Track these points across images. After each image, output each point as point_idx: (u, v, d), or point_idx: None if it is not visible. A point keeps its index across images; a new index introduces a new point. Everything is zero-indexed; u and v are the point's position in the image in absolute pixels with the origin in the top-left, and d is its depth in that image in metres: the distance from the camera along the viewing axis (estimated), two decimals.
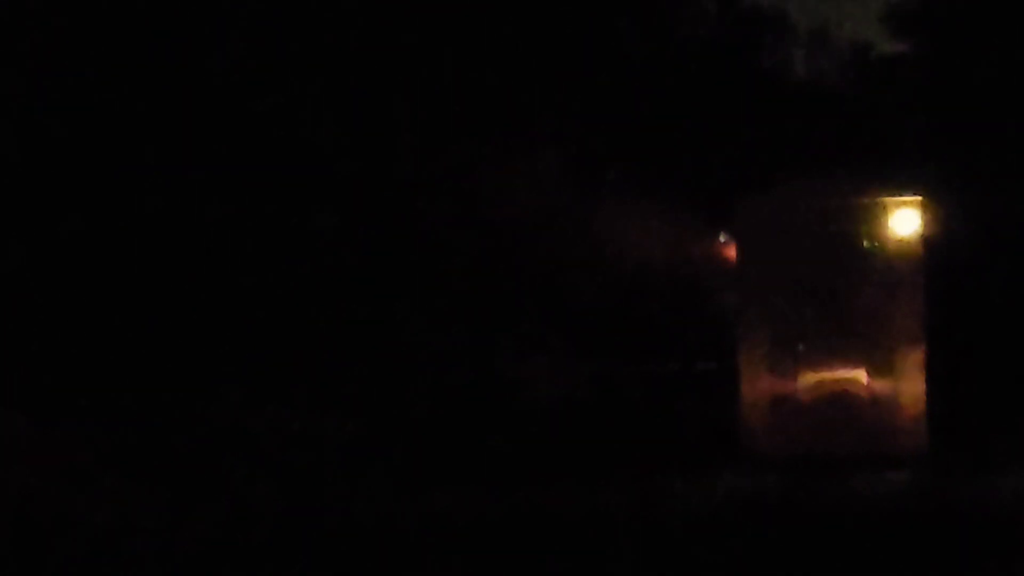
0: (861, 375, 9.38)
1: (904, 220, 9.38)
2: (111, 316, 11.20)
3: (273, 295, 11.59)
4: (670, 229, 12.03)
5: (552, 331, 12.36)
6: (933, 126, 13.00)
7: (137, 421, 9.88)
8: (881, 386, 9.30)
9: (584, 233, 12.25)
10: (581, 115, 12.89)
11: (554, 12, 13.36)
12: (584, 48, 13.30)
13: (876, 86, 16.51)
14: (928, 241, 9.57)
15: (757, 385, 9.52)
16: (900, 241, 9.43)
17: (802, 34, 19.51)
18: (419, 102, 12.11)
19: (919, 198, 9.47)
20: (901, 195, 9.47)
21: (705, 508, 7.62)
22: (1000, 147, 12.06)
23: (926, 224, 9.53)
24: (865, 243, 9.60)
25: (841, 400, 9.33)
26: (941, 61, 13.72)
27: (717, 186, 12.89)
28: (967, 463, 8.77)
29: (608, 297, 12.57)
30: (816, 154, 13.86)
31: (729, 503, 7.76)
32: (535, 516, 7.38)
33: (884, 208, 9.41)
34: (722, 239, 11.53)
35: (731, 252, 10.69)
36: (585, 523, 7.13)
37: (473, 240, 11.99)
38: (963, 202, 10.69)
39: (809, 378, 9.43)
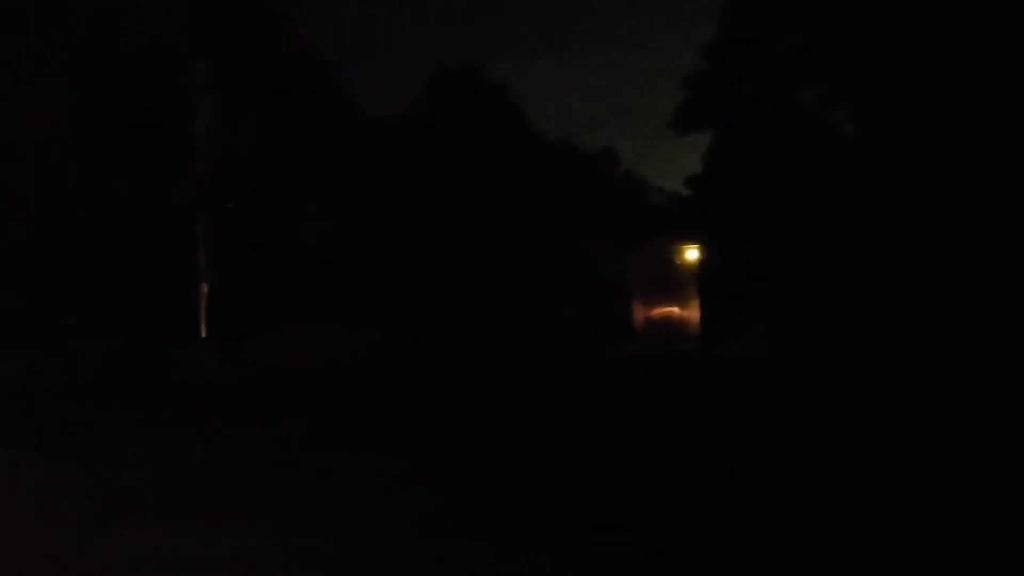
0: (676, 309, 25.38)
1: (692, 254, 25.47)
2: None
3: None
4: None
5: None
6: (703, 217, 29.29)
7: None
8: (683, 312, 25.28)
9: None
10: None
11: None
12: None
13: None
14: (701, 262, 25.69)
15: (640, 313, 25.31)
16: (691, 262, 25.51)
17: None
18: None
19: (697, 245, 25.59)
20: (691, 244, 25.59)
21: (615, 357, 22.40)
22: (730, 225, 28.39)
23: (700, 256, 25.67)
24: (679, 263, 25.63)
25: (669, 317, 25.26)
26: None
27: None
28: (714, 341, 24.51)
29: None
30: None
31: (623, 355, 22.89)
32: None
33: (684, 249, 25.41)
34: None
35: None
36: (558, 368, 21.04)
37: None
38: (712, 247, 26.68)
39: (658, 310, 25.30)
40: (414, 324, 26.51)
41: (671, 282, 25.08)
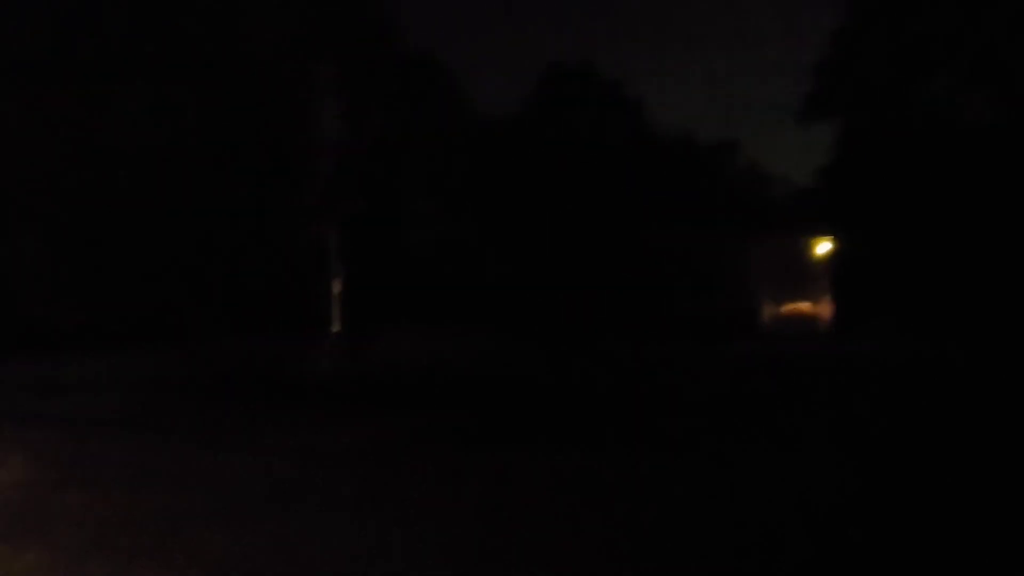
0: (807, 304, 24.20)
1: (823, 247, 24.29)
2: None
3: None
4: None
5: None
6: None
7: None
8: (814, 309, 24.09)
9: None
10: None
11: None
12: None
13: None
14: (833, 256, 24.49)
15: (767, 309, 24.33)
16: (822, 256, 24.33)
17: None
18: None
19: (829, 238, 24.39)
20: (822, 237, 24.40)
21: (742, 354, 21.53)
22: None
23: (833, 249, 24.46)
24: (809, 257, 24.51)
25: (799, 314, 24.11)
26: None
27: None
28: (848, 339, 23.04)
29: None
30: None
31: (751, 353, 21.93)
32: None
33: (815, 243, 24.26)
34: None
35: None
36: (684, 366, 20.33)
37: None
38: (845, 240, 25.44)
39: (787, 306, 24.21)
40: (532, 322, 26.44)
41: (801, 277, 24.01)
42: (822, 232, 24.63)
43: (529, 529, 6.07)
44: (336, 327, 17.73)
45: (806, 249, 24.62)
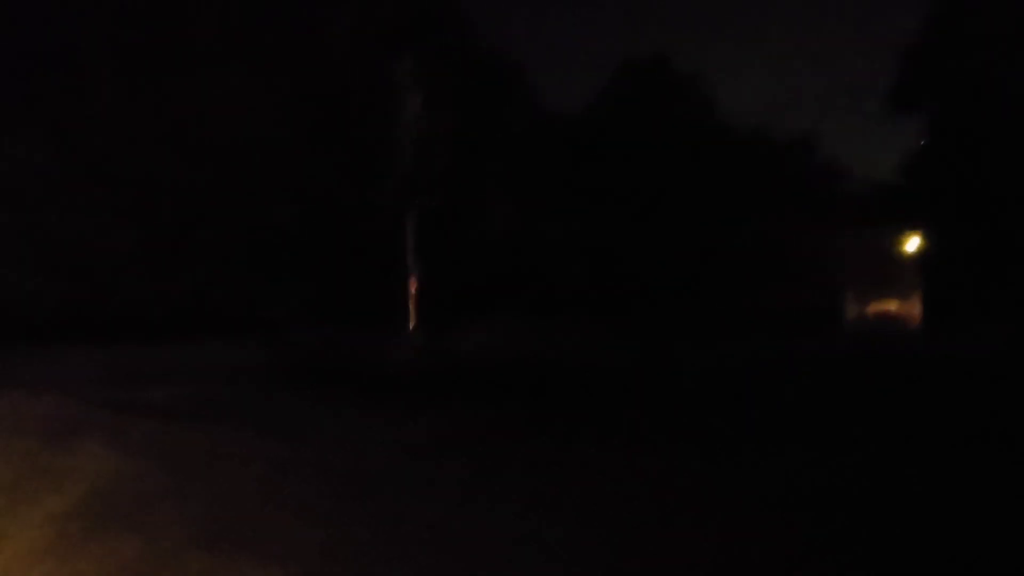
0: (895, 302, 23.29)
1: (913, 243, 23.35)
2: None
3: None
4: None
5: None
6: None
7: None
8: (903, 306, 23.18)
9: None
10: None
11: None
12: None
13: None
14: (924, 252, 23.52)
15: (853, 306, 23.50)
16: (912, 253, 23.39)
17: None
18: None
19: (920, 233, 23.43)
20: (912, 232, 23.47)
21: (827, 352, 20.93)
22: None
23: (923, 245, 23.50)
24: (898, 253, 23.59)
25: (887, 312, 23.23)
26: None
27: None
28: (940, 338, 22.15)
29: None
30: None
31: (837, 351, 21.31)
32: None
33: (904, 239, 23.33)
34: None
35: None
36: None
37: None
38: (936, 235, 24.39)
39: (874, 304, 23.31)
40: (608, 317, 26.14)
41: (889, 274, 23.10)
42: (910, 227, 23.59)
43: (615, 525, 5.91)
44: (413, 321, 17.72)
45: (894, 245, 23.66)
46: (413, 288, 18.05)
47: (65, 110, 21.33)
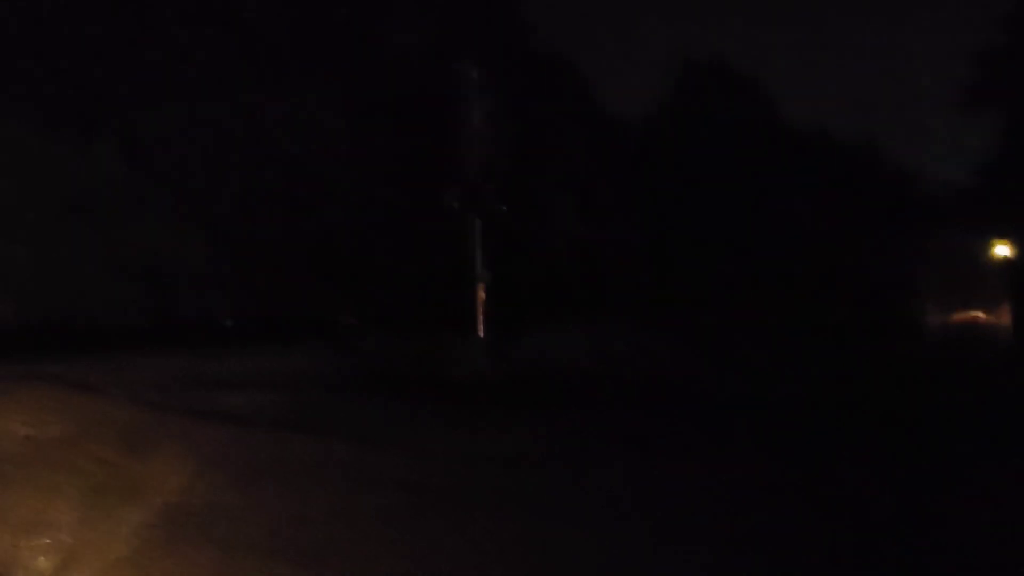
0: (982, 312, 22.22)
1: (1001, 250, 22.25)
2: None
3: None
4: None
5: None
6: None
7: None
8: (991, 317, 22.10)
9: None
10: None
11: None
12: None
13: None
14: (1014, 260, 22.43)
15: (935, 317, 22.47)
16: (999, 260, 22.29)
17: None
18: None
19: (1008, 240, 22.33)
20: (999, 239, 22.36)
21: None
22: None
23: (1013, 253, 22.39)
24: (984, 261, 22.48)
25: (974, 322, 22.16)
26: None
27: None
28: None
29: None
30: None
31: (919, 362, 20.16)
32: None
33: (991, 246, 22.24)
34: None
35: None
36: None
37: None
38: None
39: (959, 314, 22.27)
40: (674, 326, 25.64)
41: (975, 282, 22.03)
42: (997, 234, 22.46)
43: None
44: (481, 328, 17.49)
45: (980, 252, 22.55)
46: (482, 294, 17.81)
47: (138, 120, 21.68)
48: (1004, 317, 21.75)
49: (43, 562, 5.39)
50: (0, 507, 6.46)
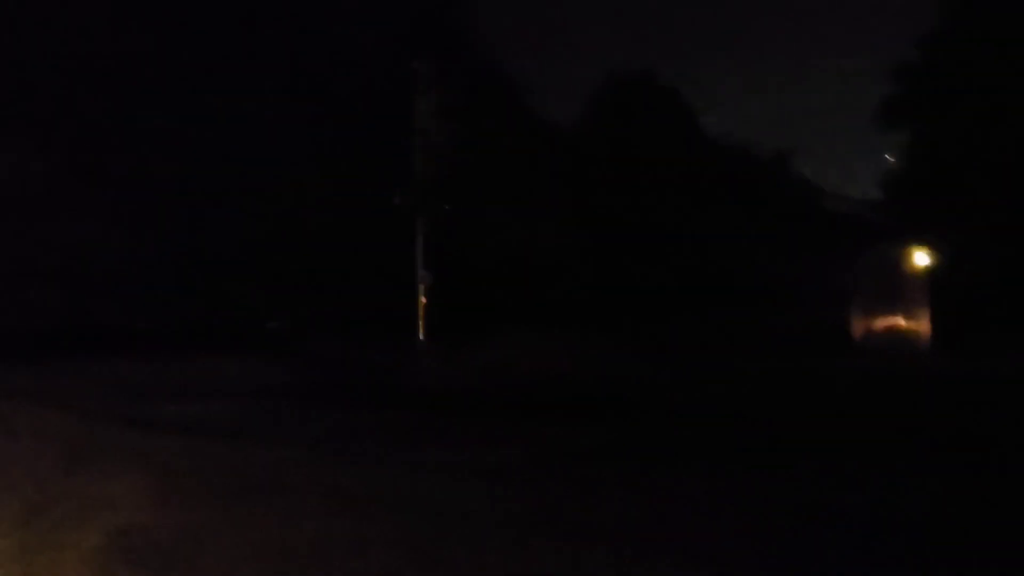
0: (903, 319, 23.06)
1: (921, 258, 23.16)
2: None
3: None
4: None
5: None
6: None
7: None
8: (911, 323, 22.89)
9: None
10: None
11: None
12: None
13: None
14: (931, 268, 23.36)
15: (860, 323, 23.19)
16: (920, 268, 23.24)
17: None
18: None
19: (926, 248, 23.22)
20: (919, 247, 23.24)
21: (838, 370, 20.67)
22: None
23: (931, 261, 23.29)
24: (905, 269, 23.38)
25: (895, 328, 22.92)
26: None
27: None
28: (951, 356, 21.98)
29: None
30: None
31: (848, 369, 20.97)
32: None
33: (911, 254, 23.16)
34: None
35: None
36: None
37: None
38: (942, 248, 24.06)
39: (882, 320, 23.04)
40: (612, 330, 25.82)
41: (897, 290, 22.87)
42: (917, 242, 23.36)
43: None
44: (422, 334, 17.15)
45: (902, 260, 23.44)
46: (423, 297, 17.46)
47: (59, 114, 20.52)
48: (924, 324, 22.56)
49: None
50: None
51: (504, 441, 9.59)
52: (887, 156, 36.41)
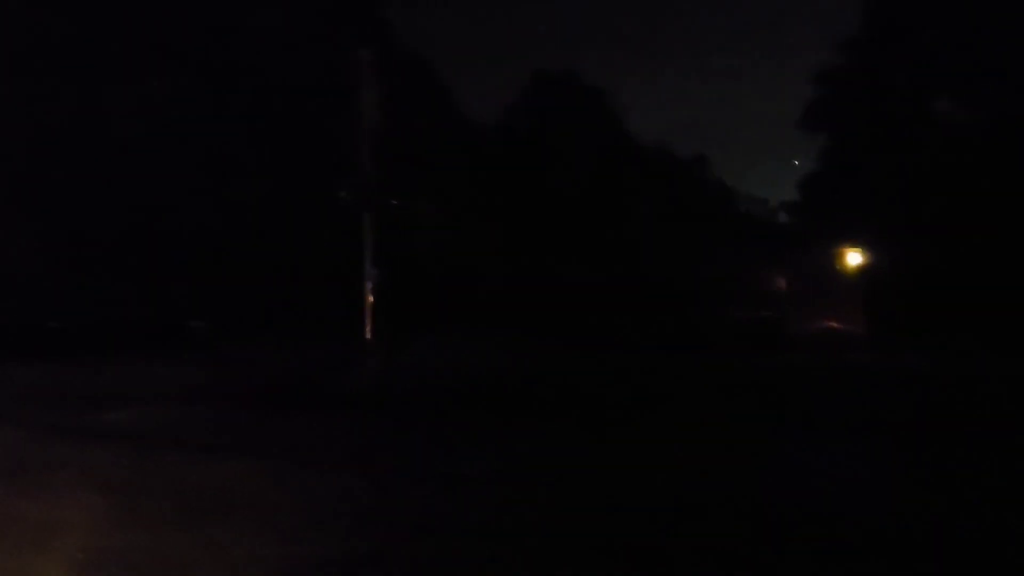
0: (836, 317, 23.59)
1: (854, 259, 23.73)
2: None
3: None
4: None
5: None
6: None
7: None
8: (846, 320, 23.45)
9: None
10: None
11: None
12: None
13: None
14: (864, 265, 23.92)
15: (795, 322, 23.63)
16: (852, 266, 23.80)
17: None
18: None
19: (860, 249, 23.80)
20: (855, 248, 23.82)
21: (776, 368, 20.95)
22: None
23: (864, 261, 23.86)
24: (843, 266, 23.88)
25: (830, 326, 23.37)
26: None
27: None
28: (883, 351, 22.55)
29: None
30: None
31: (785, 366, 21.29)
32: None
33: (845, 254, 23.72)
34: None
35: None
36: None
37: None
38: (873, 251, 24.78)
39: (817, 318, 23.44)
40: (539, 330, 25.55)
41: (831, 290, 23.32)
42: (850, 244, 23.86)
43: None
44: (368, 333, 16.39)
45: (836, 261, 23.89)
46: (369, 296, 16.67)
47: None
48: (859, 323, 23.07)
49: None
50: None
51: (463, 446, 9.13)
52: (795, 161, 37.14)
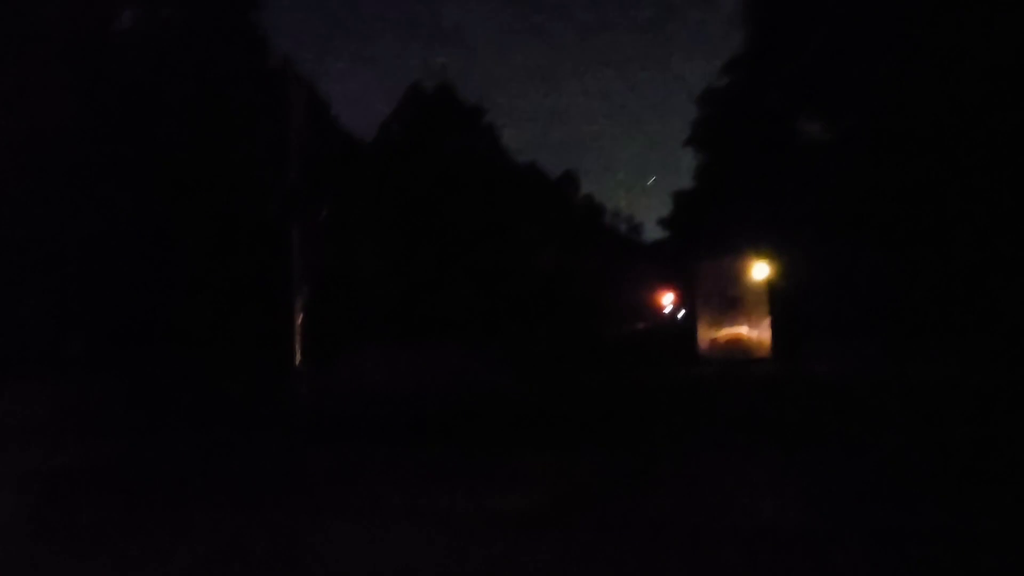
0: (745, 328, 23.98)
1: (761, 270, 24.25)
2: None
3: None
4: None
5: None
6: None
7: None
8: (753, 331, 23.87)
9: None
10: None
11: None
12: None
13: None
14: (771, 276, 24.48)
15: (704, 333, 23.88)
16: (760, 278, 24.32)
17: None
18: None
19: (767, 260, 24.30)
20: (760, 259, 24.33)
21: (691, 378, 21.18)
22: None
23: (771, 272, 24.37)
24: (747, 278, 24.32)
25: (738, 338, 23.74)
26: None
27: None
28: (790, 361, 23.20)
29: None
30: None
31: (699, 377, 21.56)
32: None
33: (751, 266, 24.23)
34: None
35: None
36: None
37: None
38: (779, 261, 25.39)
39: (725, 330, 23.88)
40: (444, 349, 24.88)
41: (738, 301, 23.80)
42: (757, 254, 24.46)
43: None
44: (298, 356, 15.14)
45: (742, 272, 24.42)
46: (299, 315, 15.39)
47: None
48: (765, 333, 23.65)
49: None
50: None
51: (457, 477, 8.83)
52: (649, 182, 38.47)
